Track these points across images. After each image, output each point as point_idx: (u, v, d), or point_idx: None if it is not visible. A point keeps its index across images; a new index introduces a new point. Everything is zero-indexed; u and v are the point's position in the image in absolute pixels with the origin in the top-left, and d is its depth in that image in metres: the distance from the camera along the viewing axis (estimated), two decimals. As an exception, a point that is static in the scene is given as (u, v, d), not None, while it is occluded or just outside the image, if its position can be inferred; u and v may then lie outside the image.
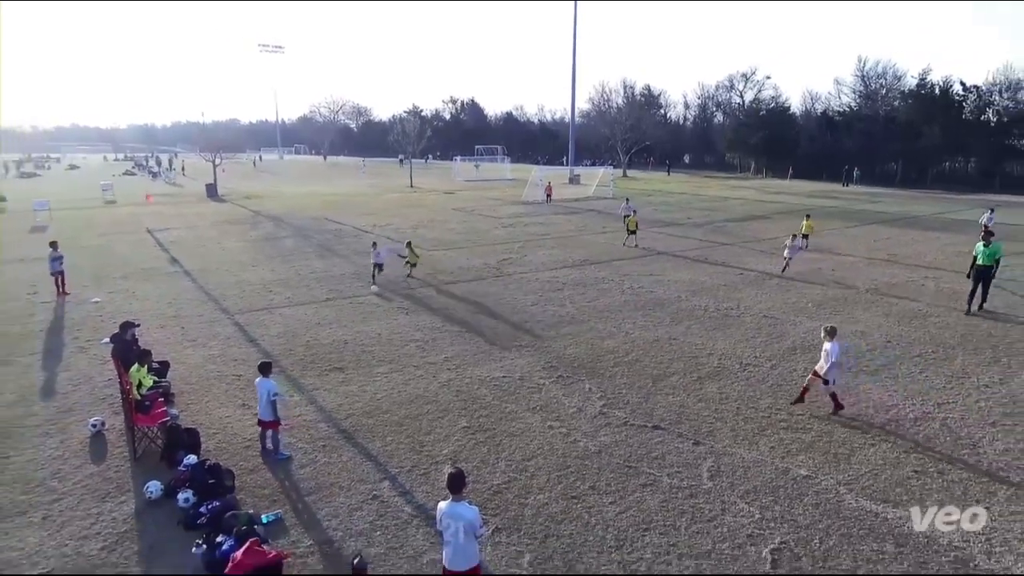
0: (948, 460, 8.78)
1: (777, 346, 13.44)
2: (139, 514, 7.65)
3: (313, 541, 7.13)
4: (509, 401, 10.73)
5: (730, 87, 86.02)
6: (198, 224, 32.53)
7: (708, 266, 21.85)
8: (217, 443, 9.30)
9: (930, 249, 25.56)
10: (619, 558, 6.78)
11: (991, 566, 6.61)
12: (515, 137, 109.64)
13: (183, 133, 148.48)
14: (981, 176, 60.01)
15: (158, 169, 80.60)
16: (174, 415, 9.73)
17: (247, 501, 7.86)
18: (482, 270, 21.18)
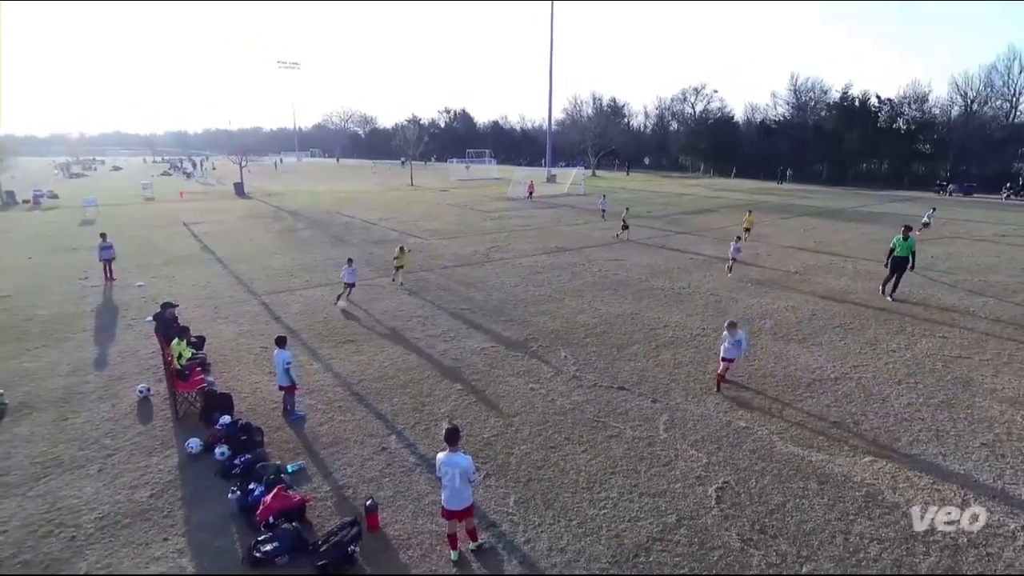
0: (862, 412, 8.97)
1: (721, 319, 13.49)
2: (182, 467, 7.61)
3: (331, 487, 7.14)
4: (497, 367, 10.76)
5: (683, 99, 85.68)
6: (227, 218, 31.97)
7: (665, 252, 21.93)
8: (248, 405, 9.24)
9: (850, 237, 25.85)
10: (589, 496, 6.88)
11: (895, 499, 6.80)
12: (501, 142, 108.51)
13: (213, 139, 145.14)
14: (892, 175, 60.51)
15: (192, 170, 78.87)
16: (210, 382, 9.64)
17: (275, 454, 7.84)
18: (473, 256, 21.08)
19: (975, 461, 7.59)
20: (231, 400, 8.98)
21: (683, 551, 5.99)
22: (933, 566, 5.75)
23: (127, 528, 6.42)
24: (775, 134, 69.70)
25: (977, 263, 20.14)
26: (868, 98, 61.89)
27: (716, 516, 6.52)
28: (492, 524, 6.44)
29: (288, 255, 21.37)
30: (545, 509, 6.67)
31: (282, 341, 8.95)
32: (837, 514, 6.55)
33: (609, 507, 6.70)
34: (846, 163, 63.11)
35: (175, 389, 9.06)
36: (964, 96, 58.68)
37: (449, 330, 12.81)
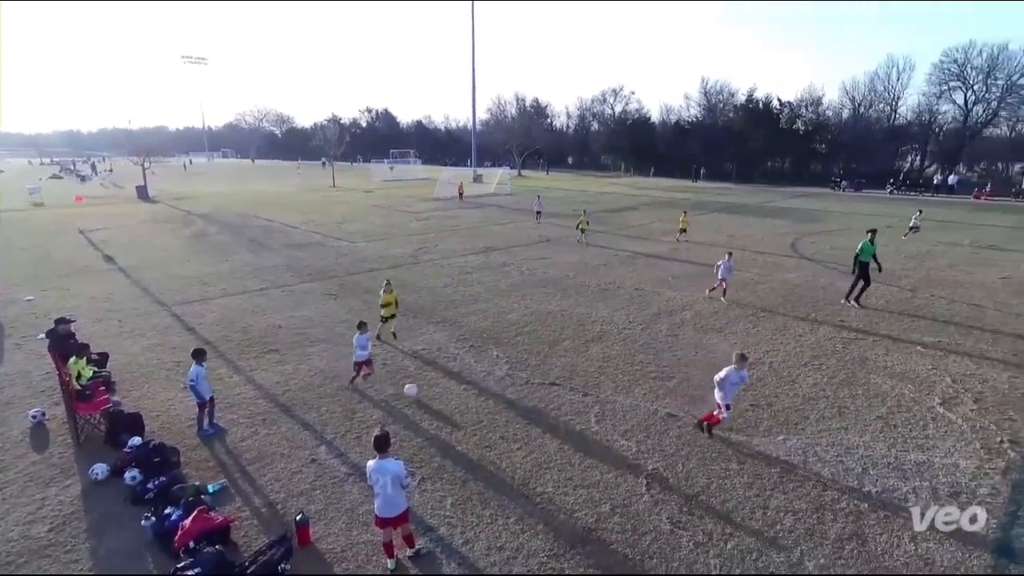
0: (775, 394, 9.61)
1: (646, 312, 14.11)
2: (85, 495, 6.99)
3: (258, 505, 6.80)
4: (429, 369, 10.64)
5: (603, 100, 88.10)
6: (130, 224, 29.64)
7: (590, 249, 22.49)
8: (161, 424, 8.62)
9: (759, 231, 27.59)
10: (526, 493, 6.95)
11: (807, 472, 7.34)
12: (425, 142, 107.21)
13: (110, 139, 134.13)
14: (794, 173, 65.02)
15: (89, 173, 72.39)
16: (116, 402, 8.92)
17: (193, 474, 7.36)
18: (401, 258, 20.73)
19: (872, 433, 8.32)
20: (141, 420, 8.35)
21: (617, 538, 6.17)
22: (840, 531, 6.25)
23: (24, 568, 5.81)
24: (689, 134, 73.11)
25: (868, 252, 22.04)
26: (771, 101, 66.24)
27: (647, 502, 6.77)
28: (429, 528, 6.37)
29: (201, 262, 20.11)
30: (483, 509, 6.67)
31: (200, 354, 8.41)
32: (756, 491, 6.98)
33: (546, 501, 6.79)
34: (753, 162, 67.18)
35: (75, 412, 8.29)
36: (852, 100, 64.13)
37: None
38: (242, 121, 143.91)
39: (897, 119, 61.96)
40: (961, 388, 9.79)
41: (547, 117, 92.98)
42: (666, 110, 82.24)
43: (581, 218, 24.49)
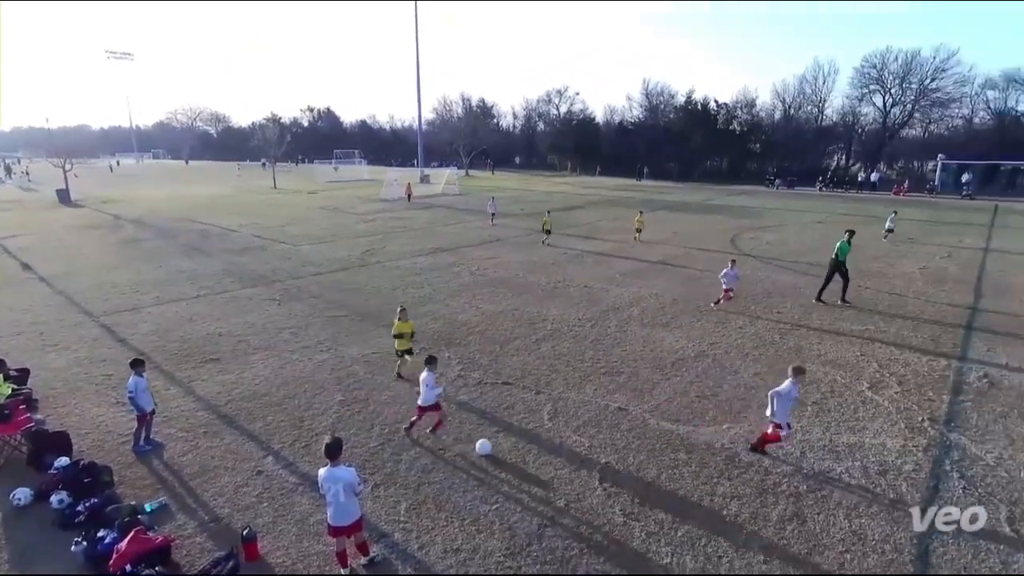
0: (719, 384, 9.98)
1: (595, 309, 14.36)
2: (6, 522, 6.48)
3: (201, 521, 6.50)
4: (379, 374, 10.46)
5: (548, 101, 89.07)
6: (51, 230, 27.69)
7: (539, 248, 22.67)
8: (92, 442, 8.10)
9: (700, 228, 28.58)
10: (481, 494, 6.94)
11: (750, 459, 7.65)
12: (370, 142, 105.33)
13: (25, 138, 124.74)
14: (731, 171, 67.71)
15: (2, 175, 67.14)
16: (39, 420, 8.33)
17: (129, 494, 6.96)
18: (348, 260, 20.28)
19: (809, 418, 8.77)
20: (68, 439, 7.81)
21: (572, 533, 6.26)
22: (782, 513, 6.56)
23: (-65, 606, 5.35)
24: (632, 134, 74.92)
25: (801, 247, 23.26)
26: (708, 102, 68.76)
27: (600, 495, 6.90)
28: (384, 535, 6.26)
29: (132, 269, 19.02)
30: (438, 512, 6.62)
31: (138, 364, 7.93)
32: (703, 479, 7.23)
33: (501, 501, 6.81)
34: (693, 161, 69.52)
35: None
36: (783, 101, 67.50)
37: (326, 339, 12.20)
38: (173, 120, 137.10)
39: (824, 120, 65.62)
40: (886, 372, 10.46)
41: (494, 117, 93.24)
42: (610, 111, 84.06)
43: (545, 219, 24.19)
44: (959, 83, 57.14)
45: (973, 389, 9.81)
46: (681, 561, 5.85)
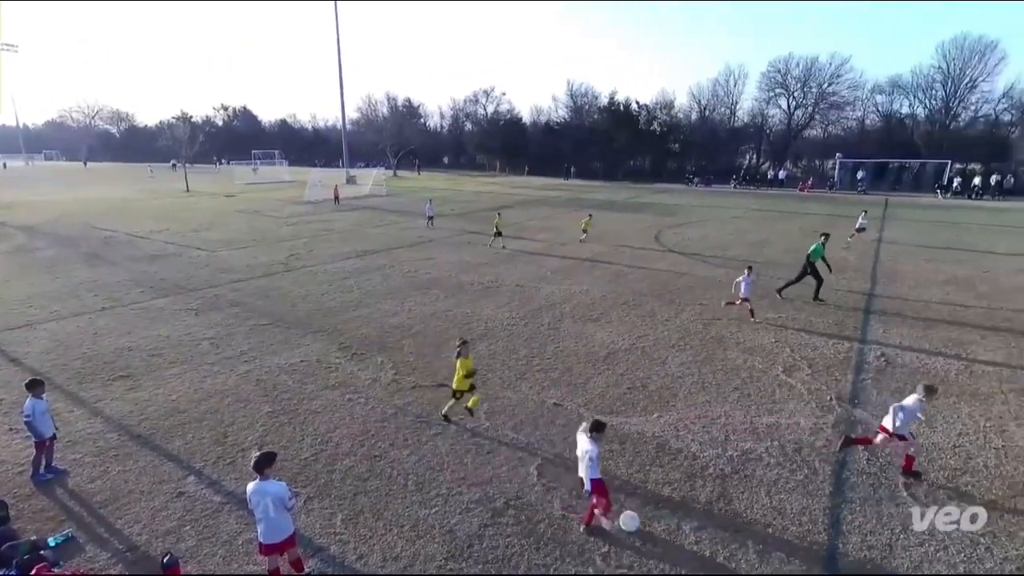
0: (648, 376, 10.36)
1: (528, 307, 14.52)
2: None
3: (115, 551, 6.02)
4: (309, 382, 10.09)
5: (475, 101, 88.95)
6: (-77, 240, 24.74)
7: (471, 248, 22.66)
8: (-20, 475, 7.31)
9: (626, 225, 29.52)
10: (420, 498, 6.85)
11: (679, 445, 8.00)
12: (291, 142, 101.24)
13: None
14: (654, 170, 70.34)
15: None
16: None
17: (29, 528, 6.33)
18: (271, 266, 19.40)
19: (731, 403, 9.28)
20: (-48, 472, 7.02)
21: (512, 530, 6.30)
22: (710, 495, 6.90)
23: None
24: (558, 134, 76.23)
25: (720, 241, 24.55)
26: (630, 103, 71.09)
27: (539, 491, 6.99)
28: (319, 549, 6.05)
29: (25, 281, 17.32)
30: (375, 521, 6.47)
31: (35, 385, 7.23)
32: (636, 467, 7.48)
33: (440, 504, 6.75)
34: (618, 160, 71.66)
35: None
36: (699, 103, 70.87)
37: (249, 349, 11.63)
38: (68, 118, 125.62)
39: (736, 121, 69.45)
40: (798, 356, 11.24)
41: (420, 117, 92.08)
42: (536, 111, 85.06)
43: (497, 219, 23.47)
44: (852, 88, 62.28)
45: (872, 368, 10.72)
46: (619, 548, 6.02)
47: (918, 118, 60.64)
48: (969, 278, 17.92)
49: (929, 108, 59.41)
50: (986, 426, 8.55)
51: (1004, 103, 56.04)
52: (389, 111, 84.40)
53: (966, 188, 48.21)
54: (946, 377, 10.28)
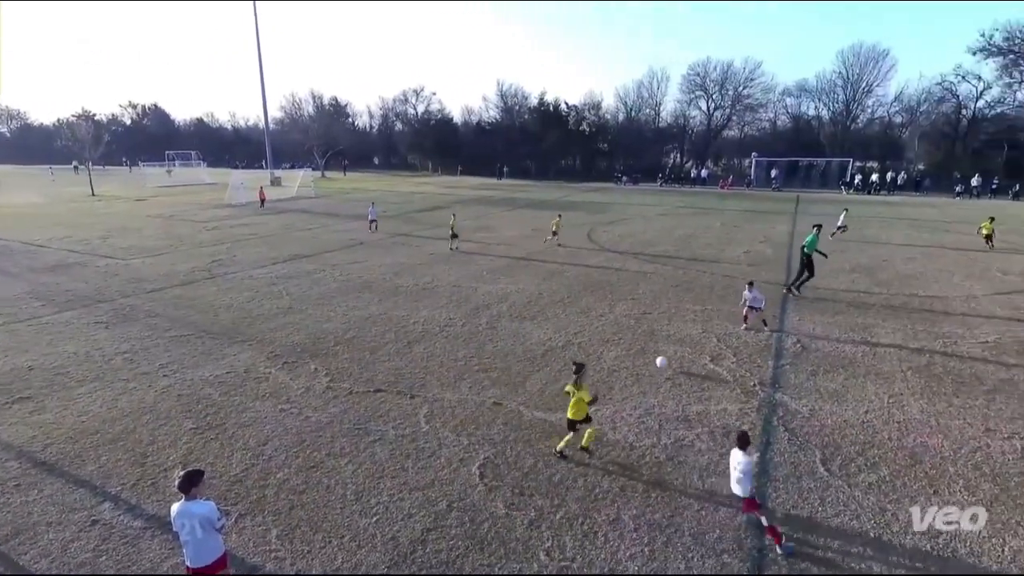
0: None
1: (465, 308, 14.47)
2: None
3: (19, 590, 5.50)
4: (236, 395, 9.60)
5: (405, 100, 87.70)
6: None
7: (406, 249, 22.32)
8: None
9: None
10: (359, 507, 6.68)
11: (616, 437, 8.22)
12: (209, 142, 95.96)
13: None
14: (584, 169, 71.91)
15: None
16: None
17: (-88, 573, 5.68)
18: (191, 274, 18.31)
19: (663, 394, 9.63)
20: None
21: (456, 532, 6.26)
22: (647, 481, 7.13)
23: None
24: (490, 134, 76.45)
25: (648, 238, 25.43)
26: (559, 104, 72.37)
27: (481, 491, 6.98)
28: (254, 568, 5.78)
29: (-102, 298, 15.47)
30: (313, 534, 6.25)
31: None
32: (576, 461, 7.63)
33: (381, 512, 6.61)
34: (549, 160, 72.73)
35: None
36: (625, 104, 73.18)
37: (169, 362, 10.93)
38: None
39: (660, 122, 72.22)
40: (724, 346, 11.82)
41: (348, 116, 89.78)
42: (467, 111, 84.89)
43: (452, 222, 22.75)
44: (764, 91, 66.35)
45: (790, 354, 11.45)
46: (561, 542, 6.12)
47: (823, 120, 65.47)
48: (870, 266, 19.49)
49: (832, 110, 64.26)
50: (889, 402, 9.33)
51: (896, 106, 61.61)
52: (315, 110, 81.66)
53: (866, 184, 52.42)
54: (853, 359, 11.13)
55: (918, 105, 59.20)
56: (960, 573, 5.74)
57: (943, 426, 8.56)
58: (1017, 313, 14.15)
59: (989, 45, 51.93)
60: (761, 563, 5.85)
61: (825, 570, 5.75)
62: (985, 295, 15.85)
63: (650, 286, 16.66)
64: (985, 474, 7.33)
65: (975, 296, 15.74)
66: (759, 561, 5.88)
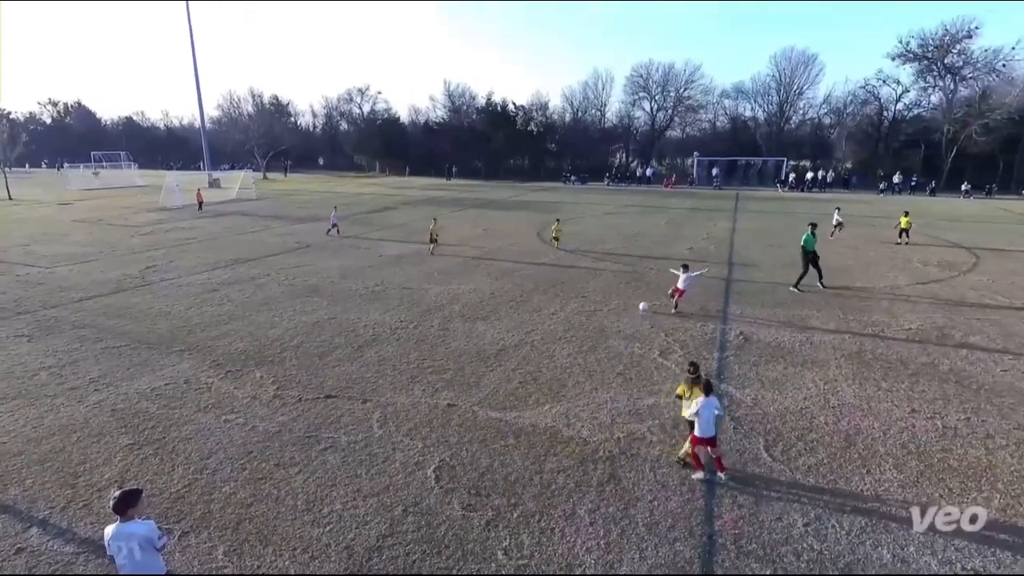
0: (538, 369, 10.65)
1: (416, 310, 14.31)
2: None
3: (-67, 629, 5.06)
4: (177, 407, 9.15)
5: (350, 100, 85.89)
6: None
7: (354, 251, 21.86)
8: None
9: (509, 223, 30.10)
10: (312, 517, 6.49)
11: (570, 433, 8.32)
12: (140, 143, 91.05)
13: None
14: (533, 169, 72.50)
15: None
16: None
17: None
18: (123, 281, 17.32)
19: (615, 388, 9.82)
20: None
21: (413, 537, 6.19)
22: (601, 477, 7.26)
23: None
24: (438, 134, 75.88)
25: (597, 236, 25.87)
26: (507, 104, 72.64)
27: (438, 494, 6.92)
28: (199, 588, 5.52)
29: None
30: (263, 548, 6.04)
31: None
32: (531, 459, 7.67)
33: (334, 521, 6.45)
34: (498, 160, 72.90)
35: None
36: (572, 105, 74.19)
37: (101, 376, 10.30)
38: None
39: (606, 122, 73.69)
40: (672, 340, 12.17)
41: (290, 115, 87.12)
42: (415, 111, 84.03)
43: (433, 226, 21.66)
44: (704, 92, 68.89)
45: (733, 345, 11.90)
46: (519, 540, 6.14)
47: (759, 120, 68.46)
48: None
49: (767, 112, 67.32)
50: (824, 388, 9.84)
51: (824, 108, 65.09)
52: (255, 109, 78.74)
53: (800, 182, 55.12)
54: (792, 348, 11.69)
55: (845, 107, 62.85)
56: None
57: (873, 409, 9.10)
58: (936, 301, 15.22)
59: (906, 51, 55.74)
60: (711, 548, 6.06)
61: (769, 552, 6.01)
62: (908, 285, 16.97)
63: (600, 283, 16.94)
64: (911, 452, 7.85)
65: (899, 286, 16.82)
66: (709, 548, 6.08)
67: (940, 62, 54.37)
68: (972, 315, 13.95)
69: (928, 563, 5.82)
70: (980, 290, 16.39)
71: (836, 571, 5.71)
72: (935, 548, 6.03)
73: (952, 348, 11.74)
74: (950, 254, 22.00)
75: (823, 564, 5.81)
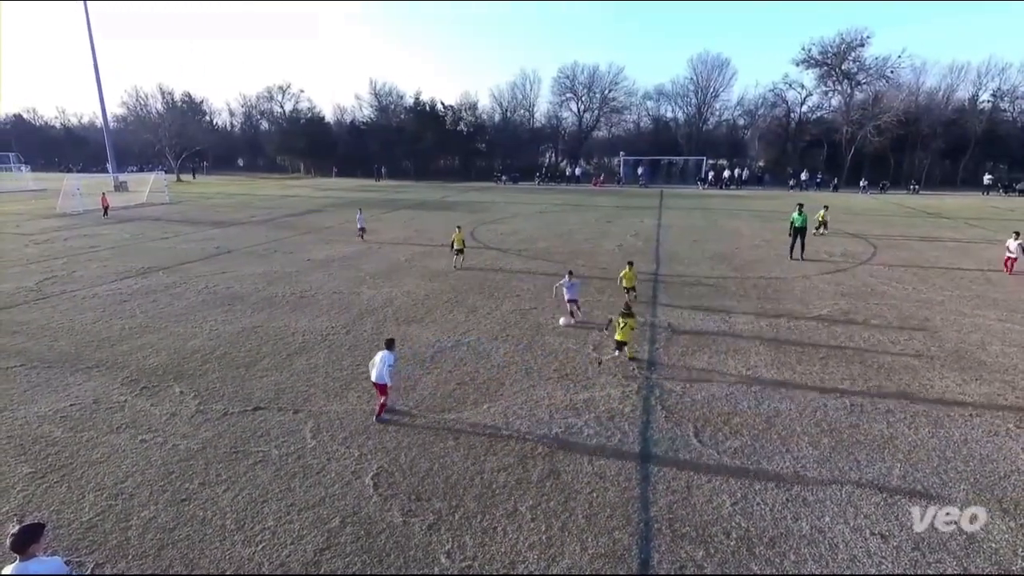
0: (475, 369, 10.64)
1: (348, 315, 13.92)
2: None
3: None
4: (85, 430, 8.45)
5: (270, 98, 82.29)
6: None
7: (279, 256, 20.98)
8: None
9: (442, 224, 29.84)
10: (242, 536, 6.18)
11: (510, 431, 8.38)
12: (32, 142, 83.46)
13: None
14: (463, 169, 72.34)
15: None
16: None
17: None
18: (15, 295, 15.77)
19: (553, 384, 9.97)
20: None
21: (352, 548, 6.02)
22: (541, 473, 7.35)
23: None
24: (366, 134, 74.23)
25: (529, 235, 26.15)
26: (435, 104, 72.03)
27: (376, 502, 6.77)
28: (117, 622, 5.12)
29: None
30: (190, 572, 5.68)
31: None
32: (472, 460, 7.66)
33: (268, 538, 6.17)
34: (427, 160, 72.19)
35: None
36: (501, 105, 74.61)
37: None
38: None
39: (535, 123, 74.61)
40: (604, 335, 12.49)
41: (205, 114, 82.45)
42: (340, 110, 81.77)
43: (455, 235, 19.36)
44: (628, 94, 71.18)
45: (662, 337, 12.38)
46: (461, 542, 6.12)
47: (679, 121, 71.56)
48: (724, 254, 21.64)
49: (687, 113, 70.50)
50: (746, 374, 10.43)
51: (738, 110, 68.95)
52: (165, 107, 73.86)
53: (718, 180, 58.09)
54: (716, 338, 12.30)
55: (756, 109, 66.96)
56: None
57: (790, 391, 9.75)
58: (840, 288, 16.48)
59: (808, 57, 60.14)
60: (648, 534, 6.28)
61: (701, 532, 6.30)
62: (816, 275, 18.28)
63: (534, 282, 17.14)
64: (824, 430, 8.46)
65: (808, 276, 18.08)
66: (646, 534, 6.30)
67: (838, 68, 59.01)
68: (872, 300, 15.22)
69: (842, 531, 6.30)
70: (879, 277, 17.91)
71: (763, 545, 6.08)
72: (847, 516, 6.53)
73: (856, 330, 12.76)
74: (852, 244, 23.89)
75: (750, 540, 6.16)
